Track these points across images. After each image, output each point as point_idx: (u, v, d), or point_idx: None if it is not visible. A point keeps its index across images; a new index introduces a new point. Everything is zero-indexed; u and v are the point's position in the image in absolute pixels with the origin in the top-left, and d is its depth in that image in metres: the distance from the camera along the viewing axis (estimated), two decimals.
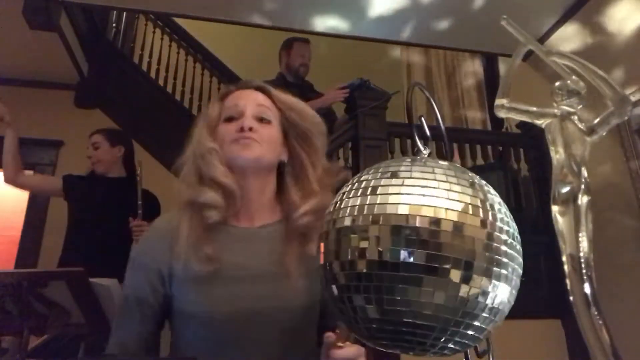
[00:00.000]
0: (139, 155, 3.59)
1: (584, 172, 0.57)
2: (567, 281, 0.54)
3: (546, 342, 2.74)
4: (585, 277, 0.53)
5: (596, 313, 0.52)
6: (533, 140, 3.06)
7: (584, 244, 0.55)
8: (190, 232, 0.91)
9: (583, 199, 0.56)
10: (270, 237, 0.96)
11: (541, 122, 0.63)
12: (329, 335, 0.75)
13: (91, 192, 2.43)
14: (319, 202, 0.94)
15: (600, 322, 0.52)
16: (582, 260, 0.54)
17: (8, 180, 2.47)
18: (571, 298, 0.54)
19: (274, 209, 1.01)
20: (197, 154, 0.97)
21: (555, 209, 0.58)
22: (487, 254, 0.49)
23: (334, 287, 0.54)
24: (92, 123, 2.93)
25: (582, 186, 0.56)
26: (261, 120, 0.99)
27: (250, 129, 0.96)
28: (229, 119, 1.00)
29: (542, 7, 2.94)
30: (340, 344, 0.73)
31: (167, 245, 0.93)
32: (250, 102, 1.01)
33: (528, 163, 3.14)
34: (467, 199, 0.51)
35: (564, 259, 0.55)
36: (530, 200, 3.00)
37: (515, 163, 3.15)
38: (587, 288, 0.53)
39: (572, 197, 0.56)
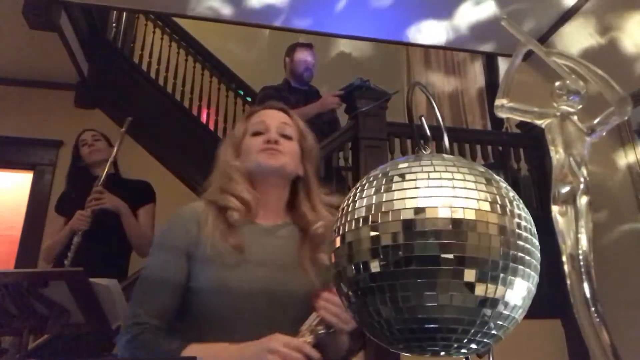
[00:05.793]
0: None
1: (584, 172, 0.57)
2: (567, 281, 0.54)
3: (546, 342, 2.74)
4: (585, 277, 0.53)
5: (596, 313, 0.52)
6: (533, 140, 3.06)
7: (584, 244, 0.54)
8: (215, 227, 1.05)
9: (583, 199, 0.56)
10: (286, 235, 1.13)
11: (541, 122, 0.63)
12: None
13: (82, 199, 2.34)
14: (330, 219, 1.06)
15: (600, 322, 0.52)
16: (582, 260, 0.54)
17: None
18: (571, 298, 0.54)
19: (285, 213, 1.18)
20: (221, 171, 1.13)
21: (555, 209, 0.57)
22: (505, 249, 0.50)
23: (350, 292, 0.54)
24: (92, 123, 2.93)
25: (582, 186, 0.56)
26: (284, 136, 1.14)
27: (276, 142, 1.11)
28: (256, 134, 1.14)
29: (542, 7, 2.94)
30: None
31: (194, 228, 1.07)
32: (275, 119, 1.16)
33: (528, 163, 3.14)
34: (484, 195, 0.51)
35: (564, 259, 0.55)
36: (530, 200, 3.00)
37: (515, 163, 3.15)
38: (587, 288, 0.53)
39: (572, 197, 0.56)
